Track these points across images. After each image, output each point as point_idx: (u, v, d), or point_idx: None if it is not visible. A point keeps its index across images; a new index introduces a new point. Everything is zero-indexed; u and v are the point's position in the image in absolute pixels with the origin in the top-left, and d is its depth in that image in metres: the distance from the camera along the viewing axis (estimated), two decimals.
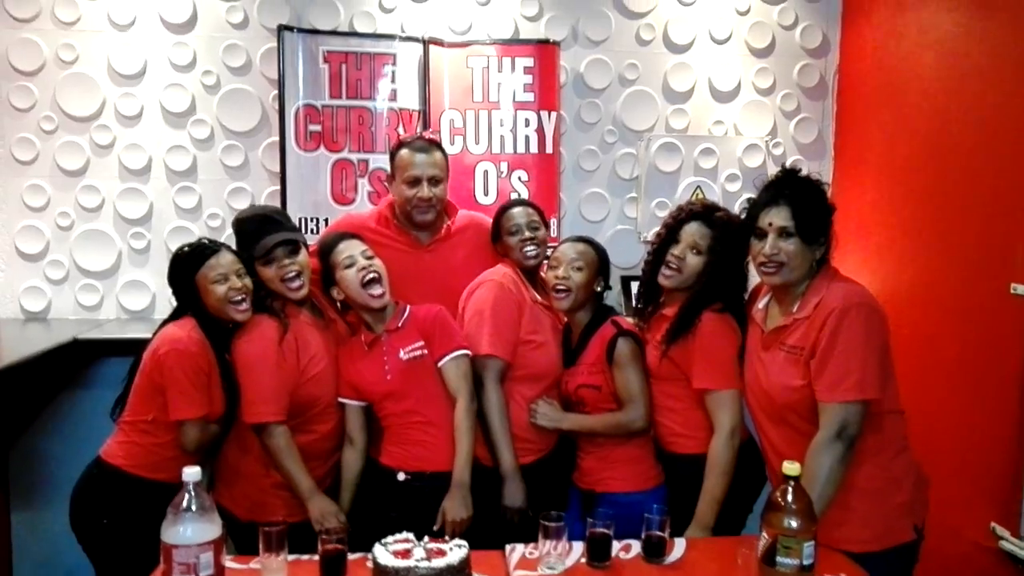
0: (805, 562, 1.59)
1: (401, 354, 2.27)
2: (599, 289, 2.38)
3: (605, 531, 1.85)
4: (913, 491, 1.96)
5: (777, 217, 1.92)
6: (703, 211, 2.24)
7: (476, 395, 2.28)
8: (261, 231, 2.25)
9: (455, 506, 2.17)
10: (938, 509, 2.05)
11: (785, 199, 1.92)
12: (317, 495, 2.18)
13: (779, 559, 1.59)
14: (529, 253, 2.44)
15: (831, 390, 1.83)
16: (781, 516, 1.60)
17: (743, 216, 2.05)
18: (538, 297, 2.44)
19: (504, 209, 2.53)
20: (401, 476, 2.26)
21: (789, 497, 1.61)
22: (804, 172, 2.00)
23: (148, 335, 2.27)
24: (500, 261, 2.50)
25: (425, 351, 2.27)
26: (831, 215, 1.97)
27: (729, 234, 2.13)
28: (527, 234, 2.44)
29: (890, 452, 1.93)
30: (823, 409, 1.85)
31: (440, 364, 2.27)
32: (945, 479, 2.33)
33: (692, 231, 2.20)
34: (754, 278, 2.15)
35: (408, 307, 2.34)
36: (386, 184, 2.68)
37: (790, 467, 1.62)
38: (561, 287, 2.30)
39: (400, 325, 2.30)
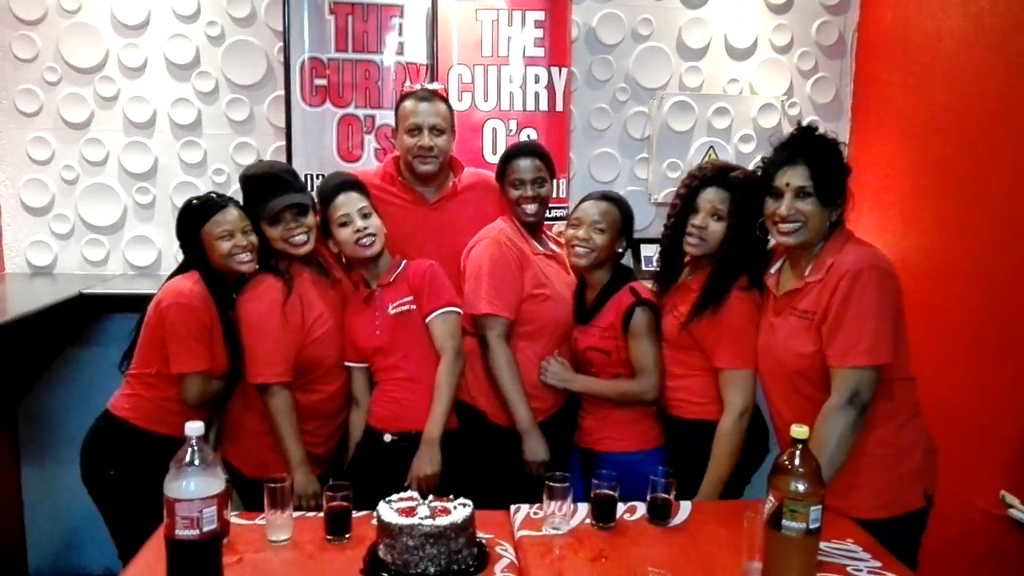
0: (811, 526, 1.57)
1: (389, 308, 2.25)
2: (620, 250, 2.33)
3: (610, 492, 1.85)
4: (923, 458, 1.94)
5: (794, 177, 1.87)
6: (717, 174, 2.17)
7: (482, 357, 2.26)
8: (269, 191, 2.22)
9: (421, 462, 2.16)
10: (948, 477, 2.04)
11: (803, 158, 1.87)
12: (304, 467, 2.17)
13: (785, 522, 1.57)
14: (528, 211, 2.37)
15: (843, 355, 1.80)
16: (788, 479, 1.57)
17: (758, 174, 2.00)
18: (540, 248, 2.39)
19: (512, 155, 2.43)
20: (387, 437, 2.26)
21: (797, 460, 1.58)
22: (820, 131, 1.94)
23: (154, 290, 2.26)
24: (504, 214, 2.44)
25: (413, 306, 2.25)
26: (847, 176, 1.93)
27: (747, 194, 2.07)
28: (529, 192, 2.36)
29: (901, 419, 1.91)
30: (835, 374, 1.82)
31: (428, 320, 2.25)
32: (955, 447, 2.31)
33: (710, 197, 2.14)
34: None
35: (403, 262, 2.32)
36: (391, 140, 2.63)
37: (798, 430, 1.59)
38: (581, 247, 2.25)
39: (392, 280, 2.28)
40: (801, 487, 1.56)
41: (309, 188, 2.98)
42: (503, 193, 2.43)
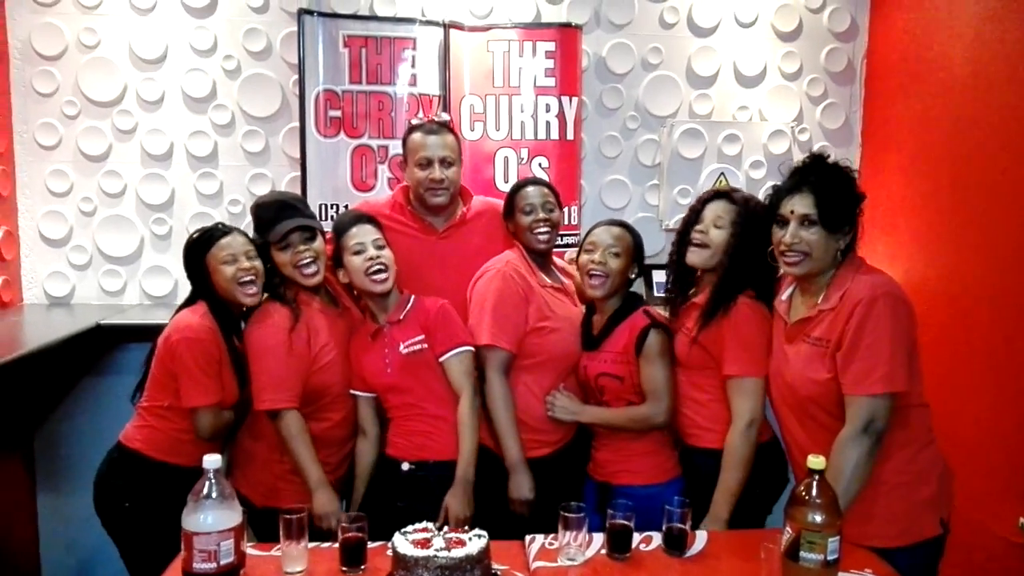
0: (830, 557, 1.56)
1: (401, 348, 2.25)
2: (632, 276, 2.34)
3: (626, 523, 1.84)
4: (939, 485, 1.92)
5: (799, 205, 1.88)
6: (722, 192, 2.22)
7: (480, 388, 2.26)
8: (278, 216, 2.25)
9: (458, 504, 2.16)
10: (964, 504, 2.02)
11: (809, 186, 1.88)
12: (324, 487, 2.17)
13: (803, 554, 1.56)
14: (540, 236, 2.38)
15: (858, 383, 1.80)
16: (805, 510, 1.57)
17: (767, 202, 2.01)
18: (547, 280, 2.39)
19: (519, 187, 2.46)
20: (405, 466, 2.25)
21: (814, 491, 1.58)
22: (832, 159, 1.95)
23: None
24: (512, 245, 2.46)
25: (425, 345, 2.25)
26: (858, 203, 1.93)
27: (751, 210, 2.09)
28: (541, 215, 2.37)
29: (916, 446, 1.90)
30: (850, 402, 1.82)
31: (442, 360, 2.25)
32: (972, 473, 2.29)
33: (713, 208, 2.17)
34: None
35: (412, 298, 2.32)
36: (400, 168, 2.66)
37: (815, 461, 1.59)
38: (598, 272, 2.25)
39: (402, 317, 2.28)
40: (819, 518, 1.55)
41: (322, 219, 3.03)
42: (514, 224, 2.44)
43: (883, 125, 3.38)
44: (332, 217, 3.15)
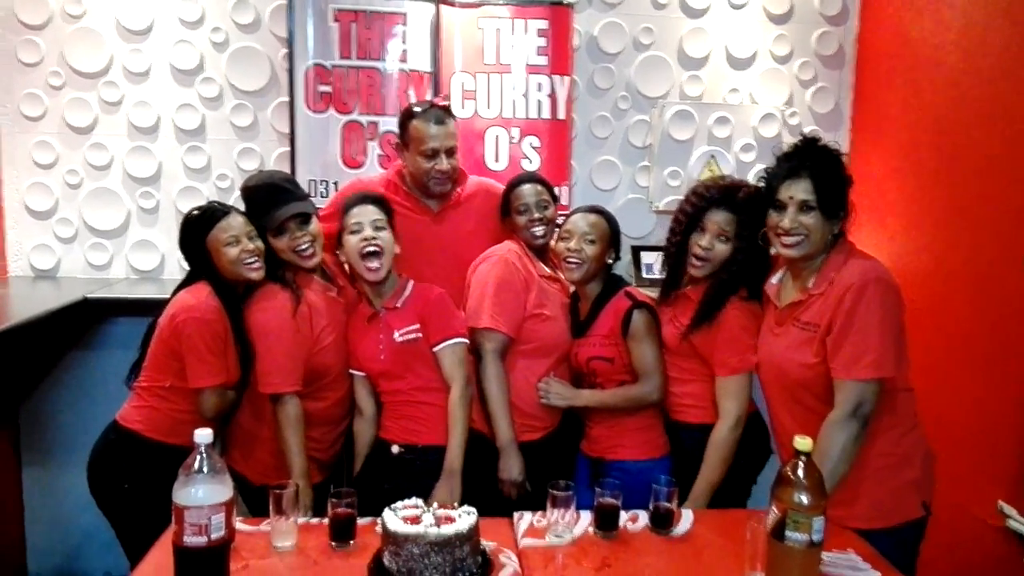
0: (814, 537, 1.58)
1: (395, 335, 2.25)
2: (610, 261, 2.36)
3: (613, 501, 1.86)
4: (922, 468, 1.96)
5: (798, 190, 1.89)
6: (725, 195, 2.18)
7: (475, 370, 2.27)
8: (272, 201, 2.23)
9: (443, 493, 2.16)
10: (945, 486, 2.05)
11: (806, 171, 1.88)
12: (304, 480, 2.16)
13: (788, 533, 1.58)
14: (537, 233, 2.42)
15: (848, 368, 1.82)
16: (791, 491, 1.59)
17: (761, 185, 2.01)
18: (546, 270, 2.42)
19: (513, 185, 2.50)
20: (394, 449, 2.26)
21: (800, 472, 1.60)
22: (823, 142, 1.96)
23: (157, 295, 2.27)
24: (508, 235, 2.48)
25: (420, 335, 2.25)
26: (849, 187, 1.94)
27: (753, 214, 2.08)
28: (535, 214, 2.42)
29: (901, 429, 1.93)
30: (839, 386, 1.84)
31: (435, 350, 2.25)
32: (953, 456, 2.32)
33: (718, 220, 2.15)
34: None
35: (410, 284, 2.31)
36: (396, 149, 2.64)
37: (802, 442, 1.61)
38: (573, 259, 2.29)
39: (399, 304, 2.27)
40: (804, 499, 1.57)
41: (312, 195, 3.01)
42: (511, 223, 2.47)
43: (873, 110, 3.39)
44: (322, 194, 3.14)
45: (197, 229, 2.21)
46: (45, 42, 3.13)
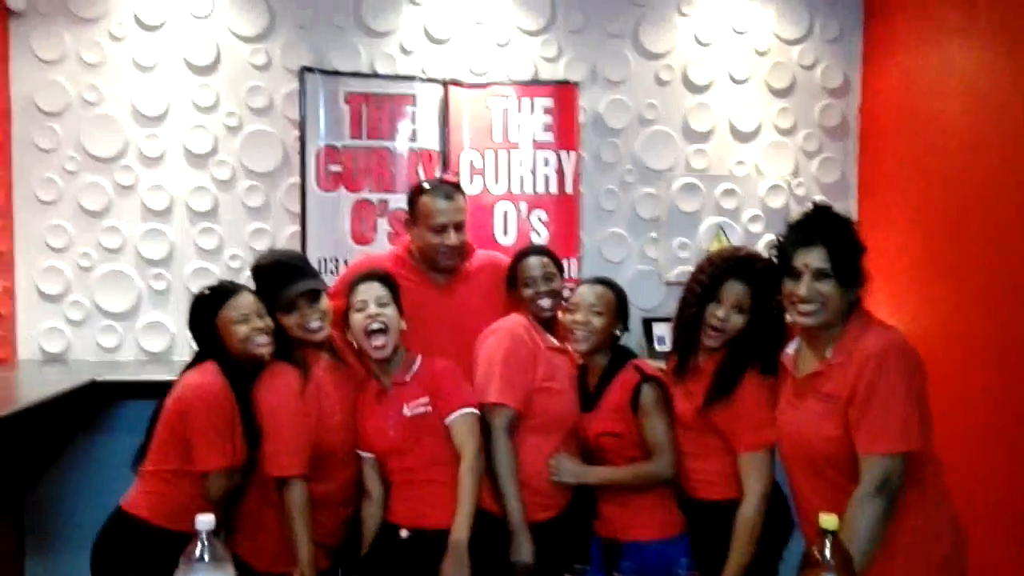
0: None
1: (405, 410, 2.21)
2: (618, 332, 2.33)
3: None
4: (954, 543, 1.88)
5: (812, 258, 1.87)
6: (740, 266, 2.16)
7: (484, 446, 2.22)
8: (282, 279, 2.22)
9: (451, 568, 2.08)
10: (973, 561, 1.97)
11: (820, 239, 1.87)
12: (309, 570, 2.09)
13: None
14: (544, 306, 2.39)
15: (873, 441, 1.77)
16: (819, 573, 1.53)
17: (774, 253, 2.00)
18: (554, 342, 2.39)
19: (519, 258, 2.48)
20: (403, 533, 2.19)
21: (827, 552, 1.53)
22: (834, 210, 1.95)
23: (167, 377, 2.24)
24: (515, 307, 2.47)
25: (430, 408, 2.21)
26: (862, 254, 1.93)
27: (768, 287, 2.05)
28: (542, 287, 2.39)
29: (930, 503, 1.86)
30: (864, 461, 1.78)
31: (447, 422, 2.21)
32: (979, 530, 2.24)
33: (735, 292, 2.11)
34: None
35: (419, 359, 2.28)
36: (405, 225, 2.66)
37: (828, 520, 1.55)
38: (580, 331, 2.26)
39: (407, 379, 2.24)
40: None
41: (322, 272, 3.01)
42: (517, 295, 2.45)
43: (879, 178, 3.42)
44: (332, 272, 3.15)
45: (207, 307, 2.20)
46: (62, 128, 3.21)
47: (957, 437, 2.61)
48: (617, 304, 2.31)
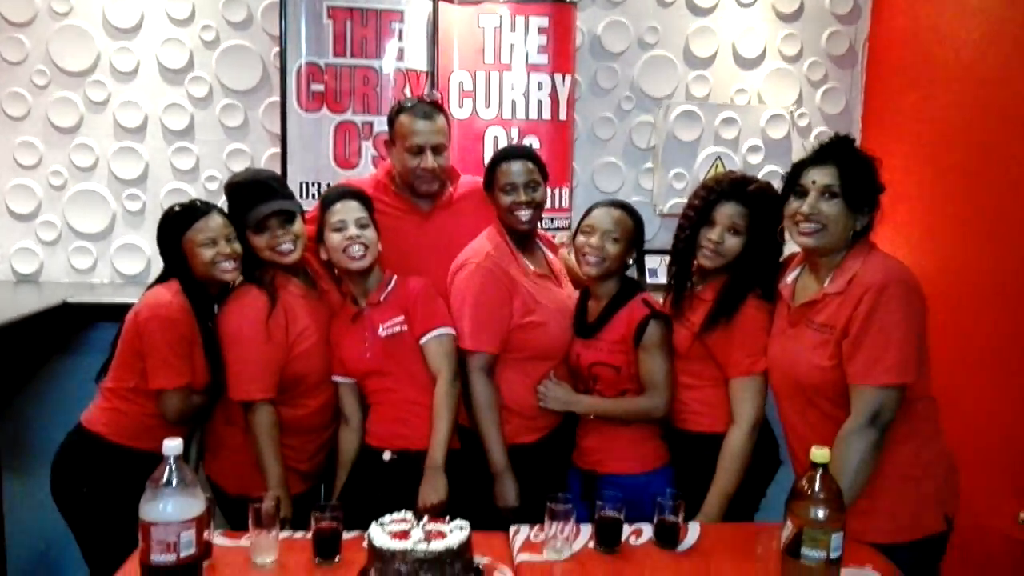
0: (832, 554, 1.47)
1: (380, 330, 2.15)
2: (630, 261, 2.23)
3: (615, 515, 1.75)
4: (945, 479, 1.85)
5: (821, 175, 1.79)
6: (735, 188, 2.07)
7: (460, 374, 2.16)
8: (255, 198, 2.14)
9: (427, 490, 2.06)
10: (964, 498, 1.95)
11: (832, 159, 1.80)
12: (281, 489, 2.07)
13: (804, 551, 1.47)
14: (522, 218, 2.21)
15: (866, 373, 1.71)
16: (808, 505, 1.48)
17: (785, 177, 1.90)
18: (531, 267, 2.26)
19: (500, 158, 2.27)
20: (386, 456, 2.16)
21: (817, 485, 1.49)
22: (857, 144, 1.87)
23: None
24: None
25: (404, 327, 2.15)
26: (879, 192, 1.84)
27: (765, 208, 1.98)
28: (523, 197, 2.20)
29: (922, 439, 1.82)
30: (855, 393, 1.73)
31: (421, 343, 2.15)
32: (972, 468, 2.21)
33: (728, 212, 2.04)
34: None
35: (394, 279, 2.21)
36: (385, 147, 2.54)
37: (818, 454, 1.50)
38: (593, 257, 2.15)
39: (382, 299, 2.18)
40: (822, 514, 1.47)
41: (303, 197, 2.92)
42: (493, 201, 2.30)
43: (885, 110, 3.30)
44: (314, 196, 3.04)
45: (174, 227, 2.12)
46: (30, 40, 3.06)
47: (952, 376, 2.56)
48: (635, 231, 2.20)
